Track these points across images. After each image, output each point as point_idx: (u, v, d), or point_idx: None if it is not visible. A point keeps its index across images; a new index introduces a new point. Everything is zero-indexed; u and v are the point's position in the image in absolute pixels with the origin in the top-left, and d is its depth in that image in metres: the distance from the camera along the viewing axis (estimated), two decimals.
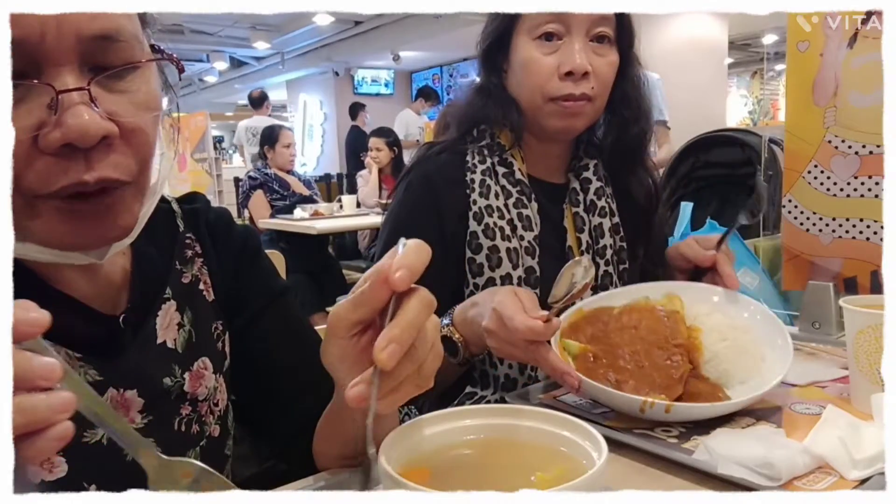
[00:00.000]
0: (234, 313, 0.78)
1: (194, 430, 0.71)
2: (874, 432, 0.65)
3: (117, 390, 0.64)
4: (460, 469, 0.53)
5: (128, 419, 0.64)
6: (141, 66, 0.57)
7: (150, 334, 0.68)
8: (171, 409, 0.69)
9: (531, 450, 0.53)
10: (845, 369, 0.85)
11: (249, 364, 0.78)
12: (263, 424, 0.81)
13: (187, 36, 9.16)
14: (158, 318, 0.69)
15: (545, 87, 1.03)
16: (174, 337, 0.70)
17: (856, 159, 1.16)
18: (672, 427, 0.75)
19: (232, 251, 0.78)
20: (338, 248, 4.76)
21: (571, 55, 1.01)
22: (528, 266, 1.03)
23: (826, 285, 1.09)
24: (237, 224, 0.81)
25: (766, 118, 10.03)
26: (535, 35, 1.03)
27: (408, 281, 0.49)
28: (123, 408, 0.64)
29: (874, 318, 0.74)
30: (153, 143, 0.58)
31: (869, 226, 1.15)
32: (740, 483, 0.61)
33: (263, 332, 0.79)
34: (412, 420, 0.54)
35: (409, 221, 1.07)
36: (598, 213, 1.11)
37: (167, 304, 0.70)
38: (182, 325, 0.71)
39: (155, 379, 0.67)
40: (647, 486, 0.64)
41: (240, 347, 0.78)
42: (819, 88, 1.19)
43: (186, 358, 0.71)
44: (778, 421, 0.75)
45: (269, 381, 0.78)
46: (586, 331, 0.87)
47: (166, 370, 0.69)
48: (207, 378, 0.72)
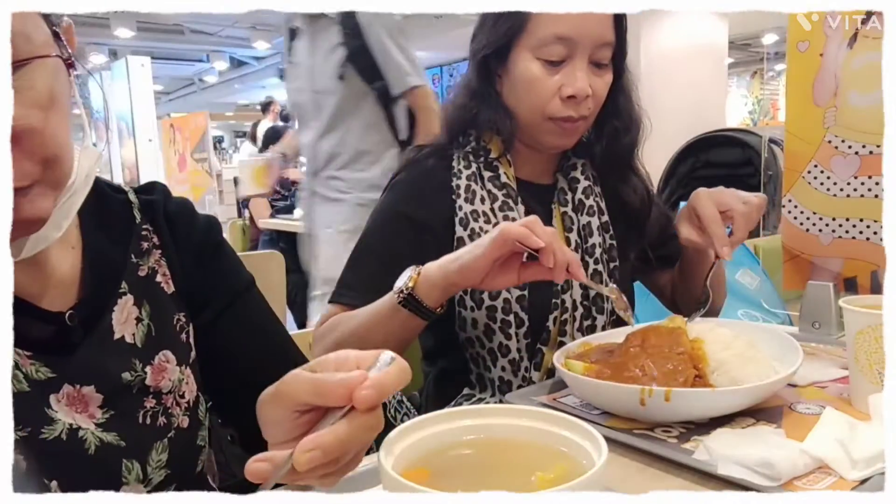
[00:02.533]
0: (198, 307, 0.76)
1: (161, 422, 0.70)
2: (873, 433, 0.65)
3: (73, 386, 0.64)
4: (460, 469, 0.53)
5: (87, 414, 0.64)
6: (29, 64, 0.53)
7: (107, 329, 0.67)
8: (134, 402, 0.68)
9: (531, 450, 0.53)
10: (845, 369, 0.86)
11: (217, 360, 0.77)
12: (240, 420, 0.79)
13: (187, 36, 9.16)
14: (115, 312, 0.68)
15: (546, 107, 1.03)
16: (132, 332, 0.69)
17: (856, 159, 1.16)
18: (672, 427, 0.75)
19: (193, 242, 0.76)
20: None
21: (574, 79, 1.00)
22: None
23: (826, 285, 1.09)
24: (199, 215, 0.79)
25: (766, 118, 10.05)
26: (540, 55, 1.01)
27: (372, 403, 0.48)
28: (81, 403, 0.64)
29: (874, 318, 0.74)
30: (58, 140, 0.55)
31: (869, 226, 1.16)
32: (740, 483, 0.61)
33: (229, 329, 0.77)
34: (412, 420, 0.54)
35: (389, 222, 1.08)
36: (587, 212, 1.11)
37: (123, 298, 0.69)
38: (140, 319, 0.70)
39: (113, 374, 0.67)
40: (647, 486, 0.64)
41: (206, 344, 0.76)
42: (819, 88, 1.19)
43: (147, 352, 0.70)
44: (778, 421, 0.75)
45: (238, 377, 0.77)
46: (592, 358, 0.88)
47: (125, 365, 0.68)
48: (170, 371, 0.71)
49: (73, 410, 0.63)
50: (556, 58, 1.00)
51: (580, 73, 1.00)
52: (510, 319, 1.02)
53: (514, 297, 1.02)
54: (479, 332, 1.04)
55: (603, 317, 1.08)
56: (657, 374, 0.78)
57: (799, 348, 0.82)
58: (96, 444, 0.64)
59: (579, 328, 1.06)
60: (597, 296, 1.07)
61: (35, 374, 0.62)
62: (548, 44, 1.00)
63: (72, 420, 0.63)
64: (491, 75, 1.08)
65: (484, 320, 1.03)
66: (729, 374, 0.80)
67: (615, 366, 0.82)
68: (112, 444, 0.65)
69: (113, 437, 0.65)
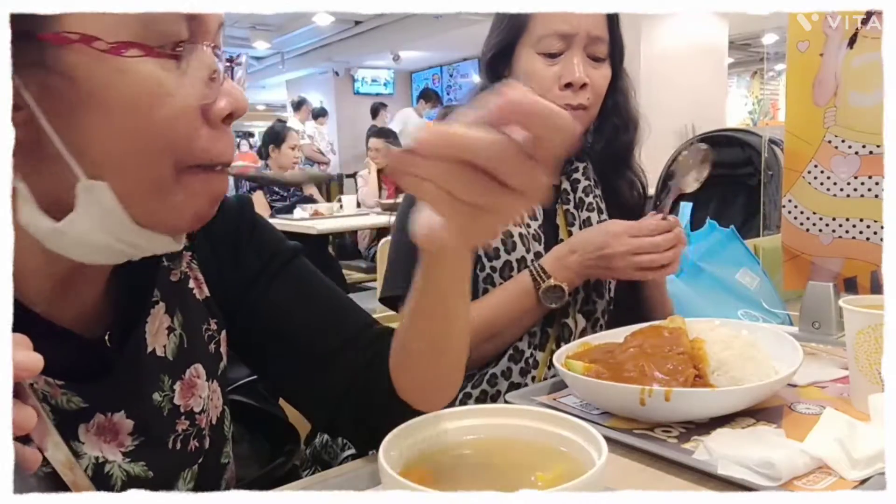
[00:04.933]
0: (244, 288, 0.73)
1: (192, 446, 0.66)
2: (873, 433, 0.65)
3: (104, 415, 0.59)
4: (460, 469, 0.53)
5: (116, 443, 0.60)
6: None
7: (140, 344, 0.63)
8: (165, 426, 0.64)
9: (531, 450, 0.53)
10: (845, 369, 0.85)
11: (274, 335, 0.73)
12: (305, 395, 0.77)
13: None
14: (147, 323, 0.64)
15: (545, 96, 1.07)
16: (164, 343, 0.65)
17: (856, 159, 1.16)
18: (672, 427, 0.75)
19: (228, 230, 0.73)
20: (338, 248, 4.76)
21: (571, 68, 1.09)
22: (537, 251, 1.12)
23: (826, 285, 1.09)
24: (228, 199, 0.72)
25: (766, 118, 10.03)
26: (539, 50, 1.10)
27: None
28: (111, 432, 0.60)
29: (874, 318, 0.74)
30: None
31: (869, 226, 1.16)
32: (740, 483, 0.61)
33: (280, 298, 0.73)
34: (412, 420, 0.54)
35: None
36: (587, 209, 1.19)
37: (156, 307, 0.65)
38: (173, 329, 0.66)
39: (144, 396, 0.63)
40: (647, 486, 0.64)
41: (259, 321, 0.73)
42: (819, 88, 1.19)
43: (178, 366, 0.66)
44: (778, 421, 0.75)
45: (299, 346, 0.73)
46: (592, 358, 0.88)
47: (155, 384, 0.64)
48: (200, 387, 0.67)
49: (101, 440, 0.59)
50: (555, 50, 1.09)
51: (576, 63, 1.09)
52: None
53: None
54: None
55: (602, 301, 1.14)
56: (657, 374, 0.78)
57: (799, 348, 0.82)
58: (122, 479, 0.60)
59: (580, 310, 1.12)
60: (597, 281, 1.13)
61: (66, 404, 0.57)
62: (547, 37, 1.09)
63: (98, 453, 0.59)
64: (498, 76, 1.17)
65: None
66: (729, 374, 0.79)
67: (615, 366, 0.82)
68: (139, 478, 0.61)
69: (140, 468, 0.61)
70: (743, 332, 0.87)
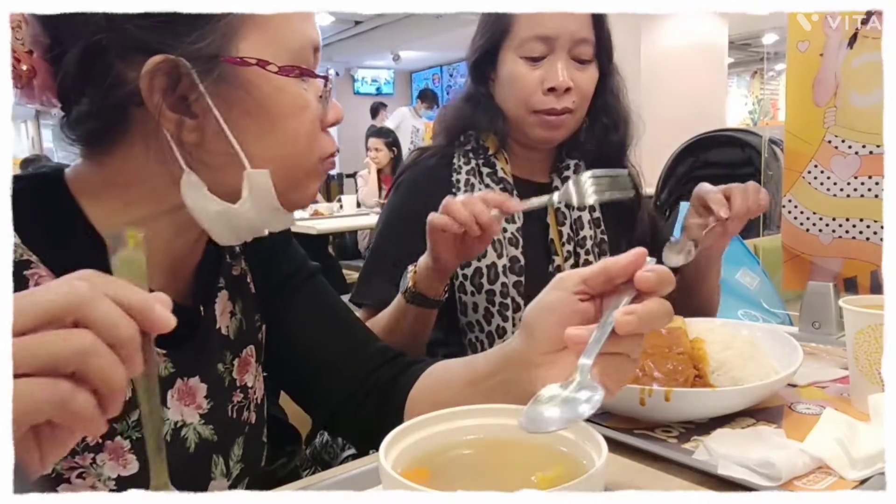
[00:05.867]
0: (272, 294, 0.81)
1: (244, 416, 0.74)
2: (872, 433, 0.65)
3: (183, 380, 0.67)
4: (460, 469, 0.53)
5: (195, 405, 0.67)
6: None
7: (211, 319, 0.72)
8: (226, 395, 0.72)
9: (531, 450, 0.53)
10: (845, 369, 0.86)
11: (293, 338, 0.81)
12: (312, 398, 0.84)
13: None
14: (217, 304, 0.73)
15: (529, 100, 1.10)
16: (227, 324, 0.74)
17: (856, 159, 1.16)
18: (672, 427, 0.75)
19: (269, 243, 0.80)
20: (338, 248, 4.76)
21: (554, 72, 1.07)
22: (513, 255, 1.11)
23: (826, 285, 1.09)
24: None
25: (766, 118, 10.03)
26: (522, 54, 1.09)
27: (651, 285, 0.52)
28: (190, 396, 0.67)
29: (874, 318, 0.74)
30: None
31: (869, 226, 1.15)
32: (740, 483, 0.61)
33: (303, 306, 0.82)
34: (412, 420, 0.54)
35: (398, 223, 1.16)
36: (578, 207, 1.17)
37: (222, 292, 0.74)
38: (234, 314, 0.75)
39: (213, 363, 0.71)
40: (647, 486, 0.64)
41: (281, 325, 0.81)
42: (819, 88, 1.19)
43: (237, 344, 0.74)
44: (778, 421, 0.75)
45: (313, 352, 0.81)
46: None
47: (220, 357, 0.72)
48: (253, 366, 0.76)
49: (182, 404, 0.66)
50: (537, 54, 1.08)
51: (560, 67, 1.07)
52: (507, 303, 1.09)
53: (511, 283, 1.10)
54: (479, 316, 1.10)
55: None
56: (657, 374, 0.78)
57: (799, 348, 0.82)
58: (196, 441, 0.67)
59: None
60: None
61: (162, 371, 0.64)
62: (529, 42, 1.08)
63: (179, 416, 0.66)
64: (484, 79, 1.17)
65: (483, 304, 1.10)
66: (729, 374, 0.80)
67: None
68: (208, 440, 0.68)
69: (210, 430, 0.68)
70: (743, 332, 0.87)
